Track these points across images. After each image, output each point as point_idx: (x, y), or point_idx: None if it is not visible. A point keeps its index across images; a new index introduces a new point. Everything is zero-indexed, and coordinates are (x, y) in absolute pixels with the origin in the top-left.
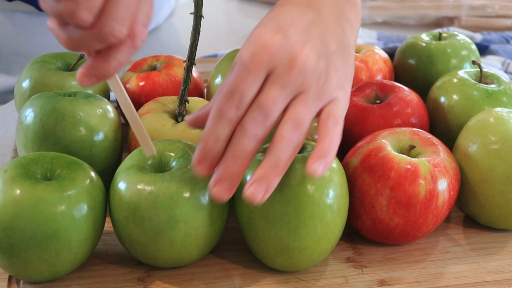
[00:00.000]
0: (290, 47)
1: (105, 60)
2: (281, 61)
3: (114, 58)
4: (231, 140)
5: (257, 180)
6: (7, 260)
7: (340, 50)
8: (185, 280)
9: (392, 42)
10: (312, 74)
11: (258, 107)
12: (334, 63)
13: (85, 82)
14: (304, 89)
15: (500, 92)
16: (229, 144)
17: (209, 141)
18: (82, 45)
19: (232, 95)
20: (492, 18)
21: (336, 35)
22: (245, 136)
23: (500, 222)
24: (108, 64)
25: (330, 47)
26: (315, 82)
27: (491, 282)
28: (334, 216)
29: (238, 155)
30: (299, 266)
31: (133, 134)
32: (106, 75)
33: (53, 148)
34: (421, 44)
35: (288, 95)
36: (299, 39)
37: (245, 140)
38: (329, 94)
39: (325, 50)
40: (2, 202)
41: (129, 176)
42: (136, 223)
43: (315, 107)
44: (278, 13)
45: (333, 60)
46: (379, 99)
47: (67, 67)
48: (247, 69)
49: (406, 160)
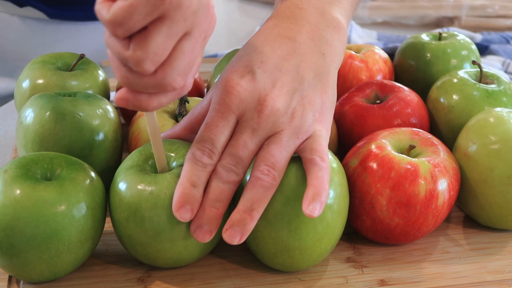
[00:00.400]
0: (258, 90)
1: (149, 98)
2: (249, 105)
3: (159, 100)
4: (208, 185)
5: (233, 225)
6: (7, 260)
7: (317, 80)
8: (185, 280)
9: (392, 42)
10: (283, 114)
11: (229, 154)
12: (310, 97)
13: (120, 103)
14: (277, 129)
15: (500, 92)
16: (206, 189)
17: (187, 186)
18: (138, 87)
19: (204, 143)
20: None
21: (313, 64)
22: (220, 181)
23: (500, 222)
24: (151, 102)
25: (305, 80)
26: (288, 121)
27: (491, 282)
28: (334, 216)
29: (215, 199)
30: (299, 266)
31: (133, 134)
32: (143, 110)
33: (53, 148)
34: (421, 44)
35: (259, 138)
36: (268, 79)
37: (221, 185)
38: (305, 130)
39: (299, 84)
40: (2, 202)
41: (129, 177)
42: (137, 224)
43: (291, 146)
44: (250, 49)
45: (308, 93)
46: (379, 99)
47: (67, 67)
48: (217, 115)
49: (406, 160)
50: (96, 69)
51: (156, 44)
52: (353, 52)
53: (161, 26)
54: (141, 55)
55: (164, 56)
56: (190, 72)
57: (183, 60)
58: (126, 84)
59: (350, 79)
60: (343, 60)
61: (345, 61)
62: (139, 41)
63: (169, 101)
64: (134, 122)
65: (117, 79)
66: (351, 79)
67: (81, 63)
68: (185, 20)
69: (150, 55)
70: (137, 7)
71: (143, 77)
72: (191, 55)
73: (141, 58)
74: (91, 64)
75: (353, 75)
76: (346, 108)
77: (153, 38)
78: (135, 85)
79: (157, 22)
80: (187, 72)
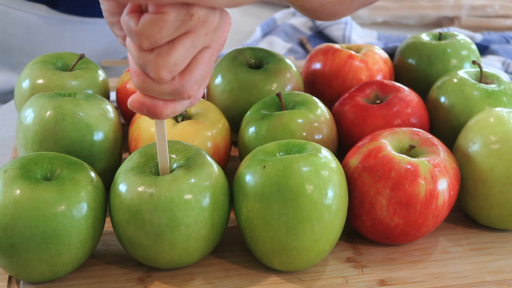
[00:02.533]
0: None
1: (165, 105)
2: None
3: (173, 107)
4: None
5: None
6: (7, 260)
7: None
8: (185, 280)
9: (392, 42)
10: None
11: None
12: None
13: (134, 106)
14: None
15: (500, 92)
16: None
17: None
18: (155, 93)
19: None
20: (492, 18)
21: None
22: None
23: (500, 222)
24: (166, 109)
25: None
26: None
27: (491, 282)
28: (332, 216)
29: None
30: (297, 266)
31: (133, 134)
32: (157, 116)
33: (53, 148)
34: (421, 44)
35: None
36: None
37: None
38: None
39: None
40: (2, 202)
41: (129, 179)
42: (137, 226)
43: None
44: None
45: None
46: (379, 99)
47: (67, 67)
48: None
49: (406, 160)
50: (96, 69)
51: (178, 56)
52: (353, 52)
53: (185, 40)
54: (162, 64)
55: (182, 67)
56: (204, 84)
57: (201, 70)
58: (143, 89)
59: (350, 79)
60: (343, 60)
61: (345, 61)
62: (161, 52)
63: (182, 110)
64: (134, 122)
65: (134, 83)
66: (351, 79)
67: (81, 63)
68: (206, 35)
69: (170, 65)
70: (167, 22)
71: (162, 84)
72: (208, 66)
73: (161, 67)
74: (91, 64)
75: (353, 75)
76: (346, 108)
77: (176, 50)
78: (152, 91)
79: (182, 36)
80: (202, 82)
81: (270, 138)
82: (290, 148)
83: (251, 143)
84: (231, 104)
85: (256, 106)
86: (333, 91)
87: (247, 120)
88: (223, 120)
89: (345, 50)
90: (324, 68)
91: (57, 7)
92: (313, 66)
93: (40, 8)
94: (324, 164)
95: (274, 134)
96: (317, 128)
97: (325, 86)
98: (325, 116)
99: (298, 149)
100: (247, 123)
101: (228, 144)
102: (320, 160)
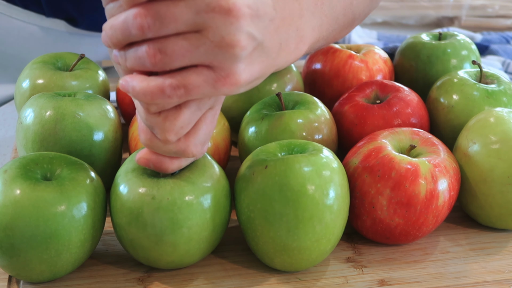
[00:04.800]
0: None
1: (171, 161)
2: None
3: (179, 163)
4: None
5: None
6: (7, 260)
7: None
8: (185, 280)
9: (392, 42)
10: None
11: None
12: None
13: (141, 162)
14: None
15: (500, 92)
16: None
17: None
18: (161, 151)
19: None
20: (492, 18)
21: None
22: None
23: (500, 222)
24: (171, 165)
25: None
26: None
27: (491, 282)
28: (333, 216)
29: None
30: (298, 266)
31: (133, 134)
32: (163, 171)
33: (53, 148)
34: (421, 44)
35: None
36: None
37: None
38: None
39: None
40: (2, 202)
41: (131, 181)
42: (139, 228)
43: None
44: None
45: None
46: (379, 99)
47: (67, 67)
48: None
49: (407, 160)
50: (96, 69)
51: (184, 119)
52: (353, 52)
53: (191, 104)
54: (169, 128)
55: (188, 129)
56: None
57: (205, 130)
58: (150, 147)
59: (350, 79)
60: (343, 60)
61: (345, 61)
62: (169, 115)
63: (188, 163)
64: (134, 122)
65: (141, 141)
66: (351, 79)
67: (81, 63)
68: (210, 99)
69: (177, 128)
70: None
71: (167, 144)
72: (211, 125)
73: (168, 130)
74: (91, 64)
75: (353, 75)
76: (346, 108)
77: (183, 114)
78: (159, 149)
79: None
80: (205, 141)
81: (270, 138)
82: (292, 148)
83: (251, 143)
84: (231, 104)
85: (256, 106)
86: (333, 91)
87: (247, 120)
88: (223, 120)
89: (345, 50)
90: (324, 68)
91: (77, 24)
92: (313, 66)
93: (60, 25)
94: (326, 164)
95: (274, 134)
96: (317, 128)
97: (325, 86)
98: (325, 116)
99: (299, 149)
100: (247, 123)
101: (228, 144)
102: (321, 160)
